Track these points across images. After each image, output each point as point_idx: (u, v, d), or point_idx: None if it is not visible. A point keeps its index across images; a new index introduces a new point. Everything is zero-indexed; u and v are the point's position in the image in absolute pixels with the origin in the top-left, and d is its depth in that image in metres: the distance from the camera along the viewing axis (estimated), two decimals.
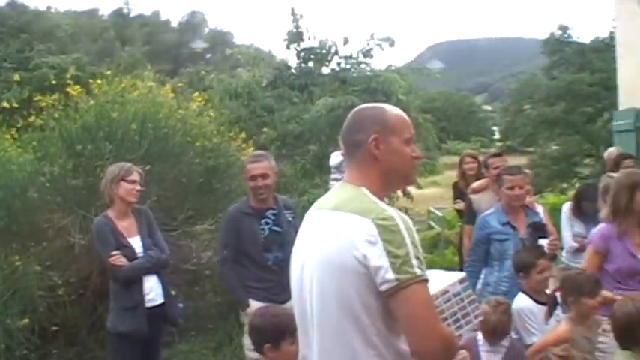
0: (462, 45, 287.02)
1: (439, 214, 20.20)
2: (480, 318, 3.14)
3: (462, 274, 3.08)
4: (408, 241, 2.36)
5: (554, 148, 34.77)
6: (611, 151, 8.78)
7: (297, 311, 2.67)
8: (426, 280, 2.38)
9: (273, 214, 5.53)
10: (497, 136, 65.91)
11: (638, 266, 4.78)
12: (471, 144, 50.86)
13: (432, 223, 19.45)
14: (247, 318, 5.09)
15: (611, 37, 27.34)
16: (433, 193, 26.53)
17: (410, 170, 2.68)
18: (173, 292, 5.63)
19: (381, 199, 2.53)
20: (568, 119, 33.35)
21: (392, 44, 16.63)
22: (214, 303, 7.43)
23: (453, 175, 9.28)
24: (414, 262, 2.34)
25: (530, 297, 4.91)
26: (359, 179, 2.59)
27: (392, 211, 2.43)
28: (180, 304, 5.72)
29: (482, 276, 5.64)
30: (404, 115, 2.68)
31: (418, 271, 2.34)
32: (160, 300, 5.28)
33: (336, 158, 8.37)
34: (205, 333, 7.24)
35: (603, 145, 13.99)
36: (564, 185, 29.62)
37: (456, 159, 10.36)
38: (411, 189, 16.34)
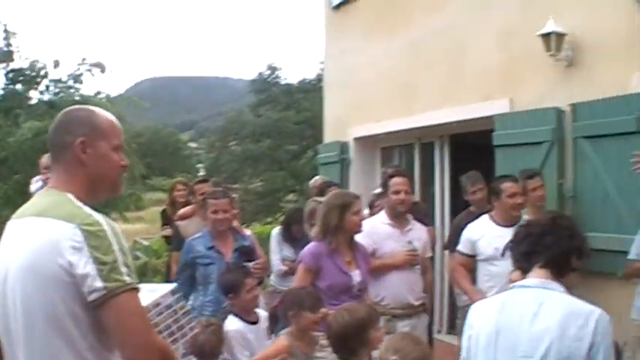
0: (170, 81, 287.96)
1: (146, 243, 20.06)
2: (196, 330, 3.07)
3: (173, 286, 3.02)
4: (116, 247, 2.23)
5: (259, 183, 35.65)
6: (316, 179, 9.08)
7: (2, 328, 2.40)
8: (137, 289, 2.26)
9: None
10: (202, 172, 66.48)
11: (349, 282, 4.98)
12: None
13: (138, 254, 19.13)
14: None
15: (319, 79, 28.80)
16: (139, 229, 26.30)
17: (117, 178, 2.56)
18: None
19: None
20: (273, 156, 34.38)
21: (103, 70, 16.33)
22: None
23: (158, 211, 9.26)
24: (123, 269, 2.21)
25: (241, 318, 4.89)
26: (64, 184, 2.43)
27: (98, 216, 2.28)
28: None
29: (190, 301, 5.57)
30: (115, 120, 2.56)
31: (128, 279, 2.21)
32: None
33: (36, 184, 7.90)
34: None
35: (307, 180, 14.59)
36: (269, 219, 30.62)
37: (161, 195, 10.32)
38: (118, 223, 15.95)
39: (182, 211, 7.34)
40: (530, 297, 2.74)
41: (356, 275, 5.05)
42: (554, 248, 2.83)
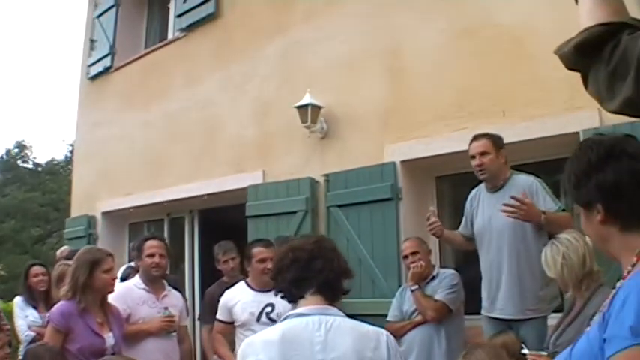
0: None
1: None
2: None
3: None
4: None
5: (1, 266, 33.24)
6: (63, 249, 8.39)
7: None
8: None
9: None
10: None
11: (102, 345, 4.41)
12: None
13: None
14: None
15: (67, 161, 27.59)
16: None
17: None
18: None
19: None
20: (17, 238, 32.28)
21: None
22: None
23: None
24: None
25: None
26: None
27: None
28: None
29: None
30: None
31: None
32: None
33: None
34: None
35: (51, 265, 13.49)
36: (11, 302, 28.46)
37: None
38: None
39: None
40: (312, 325, 2.43)
41: (109, 337, 4.47)
42: (325, 272, 2.55)
